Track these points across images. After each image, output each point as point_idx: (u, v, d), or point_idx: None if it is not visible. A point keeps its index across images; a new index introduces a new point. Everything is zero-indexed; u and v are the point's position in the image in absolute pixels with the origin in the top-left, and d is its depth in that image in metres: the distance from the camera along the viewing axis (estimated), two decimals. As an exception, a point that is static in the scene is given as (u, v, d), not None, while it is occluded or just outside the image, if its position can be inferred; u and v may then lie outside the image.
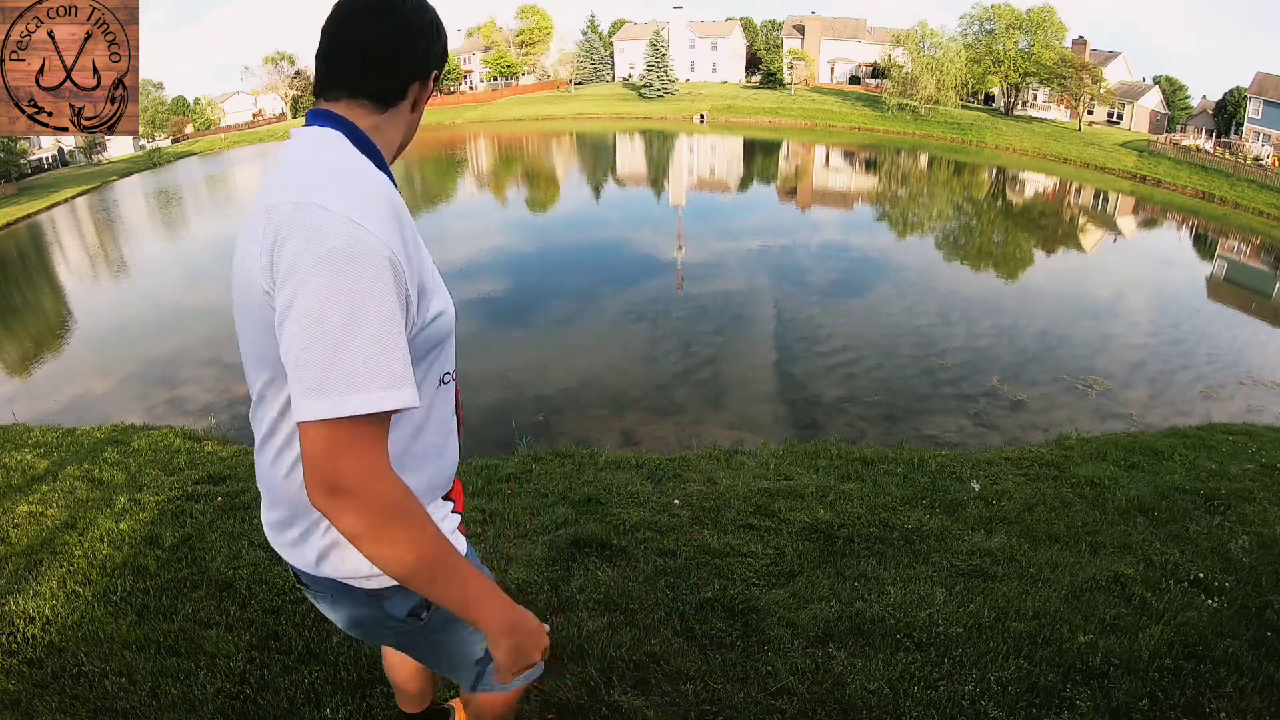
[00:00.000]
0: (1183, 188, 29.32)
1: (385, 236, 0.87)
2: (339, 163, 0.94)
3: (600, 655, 2.21)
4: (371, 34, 1.00)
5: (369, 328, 0.84)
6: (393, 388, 0.85)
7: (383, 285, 0.85)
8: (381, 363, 0.84)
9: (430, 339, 1.02)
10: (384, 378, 0.84)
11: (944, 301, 12.61)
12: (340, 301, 0.83)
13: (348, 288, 0.83)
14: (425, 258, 0.99)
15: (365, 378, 0.83)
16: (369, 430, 0.86)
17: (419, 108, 1.09)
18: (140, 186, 35.05)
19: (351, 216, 0.86)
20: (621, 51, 61.20)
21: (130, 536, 3.06)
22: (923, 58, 42.01)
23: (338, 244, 0.84)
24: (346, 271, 0.83)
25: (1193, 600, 2.66)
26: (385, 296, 0.85)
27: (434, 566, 0.92)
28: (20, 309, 14.72)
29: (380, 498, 0.87)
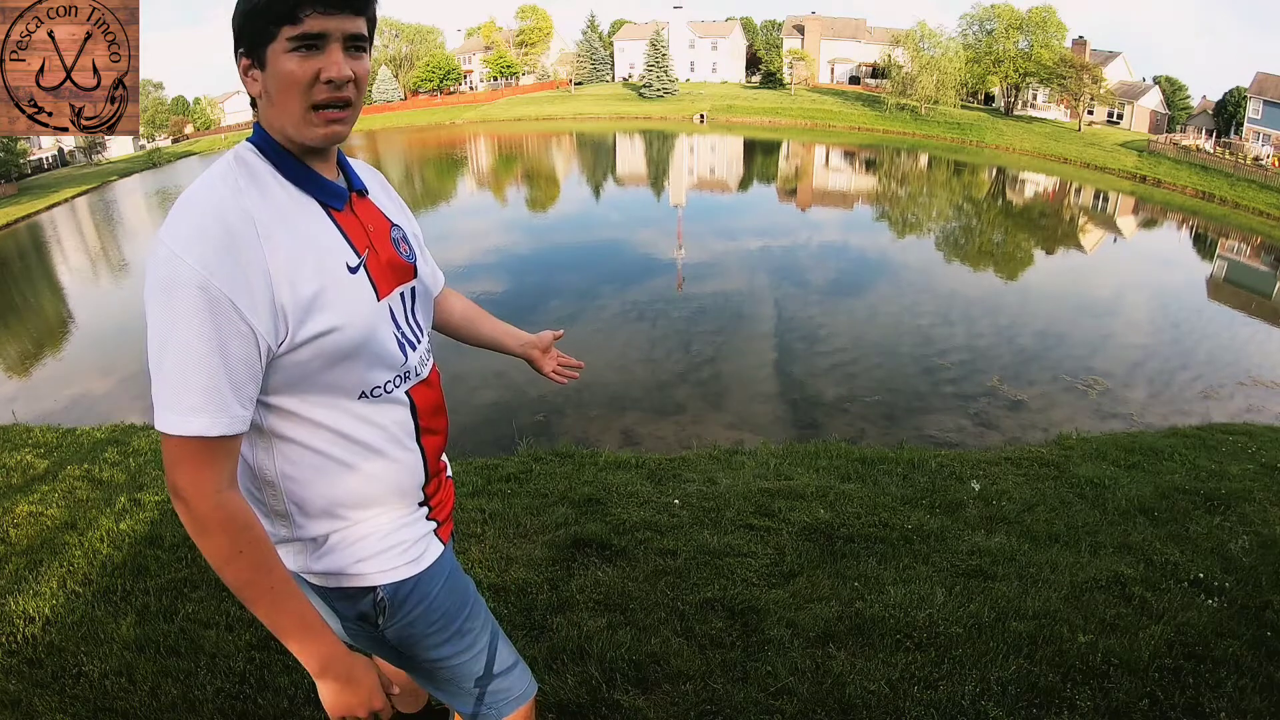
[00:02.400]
0: (1183, 188, 29.32)
1: (204, 266, 0.88)
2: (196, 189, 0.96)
3: (600, 655, 2.21)
4: None
5: (174, 355, 0.89)
6: (189, 414, 0.90)
7: (192, 316, 0.88)
8: (181, 390, 0.90)
9: (319, 356, 0.98)
10: (183, 405, 0.90)
11: (944, 301, 12.61)
12: (156, 331, 0.90)
13: (160, 318, 0.89)
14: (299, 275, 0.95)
15: (170, 403, 0.91)
16: (194, 450, 0.92)
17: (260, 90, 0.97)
18: (140, 186, 35.06)
19: (173, 249, 0.89)
20: (621, 51, 61.20)
21: (130, 536, 3.06)
22: (922, 57, 42.00)
23: (158, 276, 0.89)
24: (161, 303, 0.89)
25: (1193, 600, 2.66)
26: (194, 326, 0.88)
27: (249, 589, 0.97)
28: (20, 309, 14.72)
29: (199, 512, 0.93)
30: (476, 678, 1.23)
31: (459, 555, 2.87)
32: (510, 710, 1.28)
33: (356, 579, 1.11)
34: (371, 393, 1.06)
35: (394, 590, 1.13)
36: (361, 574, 1.11)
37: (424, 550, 1.17)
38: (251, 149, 1.00)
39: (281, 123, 0.97)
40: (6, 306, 14.63)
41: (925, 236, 19.77)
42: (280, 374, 0.98)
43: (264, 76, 0.95)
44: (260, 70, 0.95)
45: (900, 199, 25.71)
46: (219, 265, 0.89)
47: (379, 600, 1.12)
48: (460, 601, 1.22)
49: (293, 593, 1.00)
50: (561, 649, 2.24)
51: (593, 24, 60.97)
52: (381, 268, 1.06)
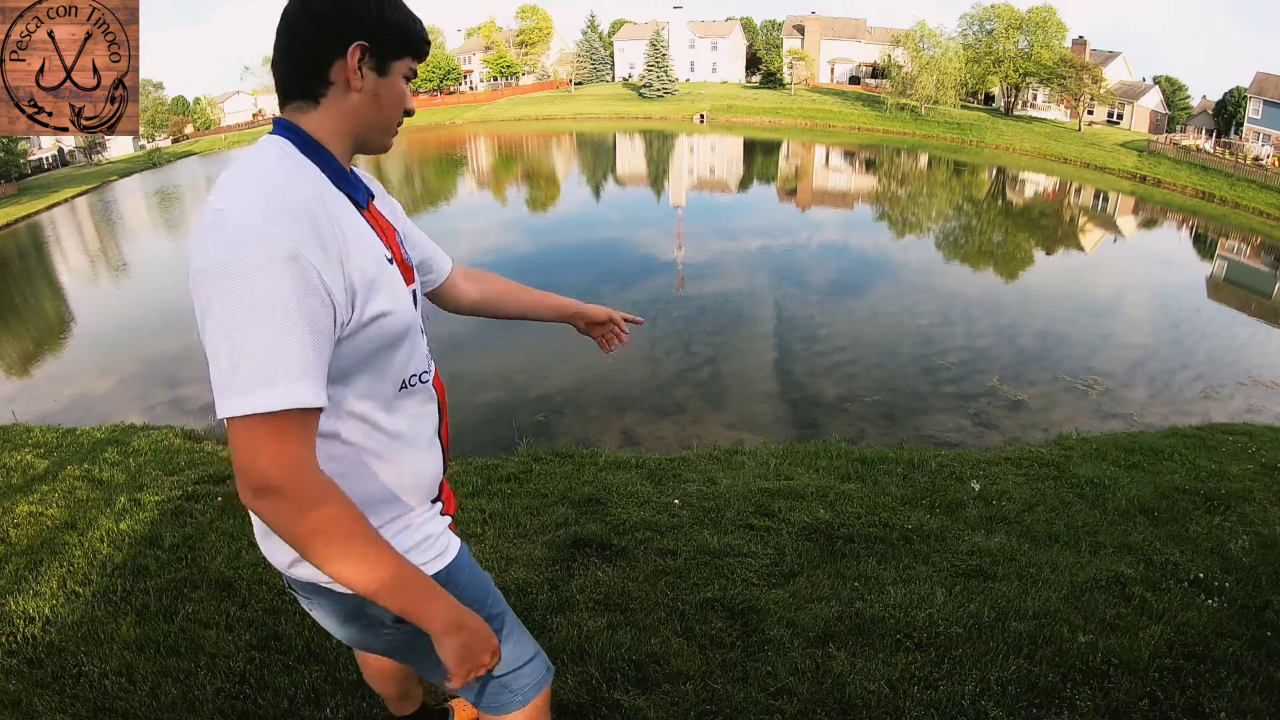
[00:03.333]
0: (1183, 188, 29.32)
1: (291, 235, 0.87)
2: (260, 165, 0.95)
3: (600, 655, 2.21)
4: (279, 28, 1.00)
5: (265, 327, 0.85)
6: (290, 383, 0.86)
7: (283, 285, 0.86)
8: (276, 360, 0.85)
9: (376, 339, 1.01)
10: (279, 374, 0.85)
11: (944, 301, 12.61)
12: (240, 303, 0.85)
13: (247, 289, 0.85)
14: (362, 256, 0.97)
15: (261, 376, 0.85)
16: (284, 427, 0.87)
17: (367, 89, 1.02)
18: (140, 186, 35.05)
19: (254, 222, 0.87)
20: (621, 51, 61.20)
21: (130, 536, 3.06)
22: (922, 57, 42.01)
23: (238, 251, 0.85)
24: (246, 273, 0.85)
25: (1193, 600, 2.66)
26: (285, 296, 0.86)
27: (367, 565, 0.92)
28: (20, 309, 14.72)
29: (303, 495, 0.88)
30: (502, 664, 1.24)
31: (459, 555, 2.87)
32: (532, 696, 1.29)
33: None
34: (409, 382, 1.09)
35: None
36: None
37: (449, 543, 1.20)
38: (290, 145, 1.00)
39: (372, 124, 1.05)
40: (6, 306, 14.63)
41: (925, 236, 19.77)
42: (337, 359, 0.97)
43: (378, 82, 1.03)
44: (377, 75, 1.02)
45: (900, 199, 25.71)
46: (304, 236, 0.89)
47: None
48: (484, 591, 1.25)
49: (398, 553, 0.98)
50: (561, 649, 2.24)
51: (593, 24, 60.99)
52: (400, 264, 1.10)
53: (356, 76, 1.00)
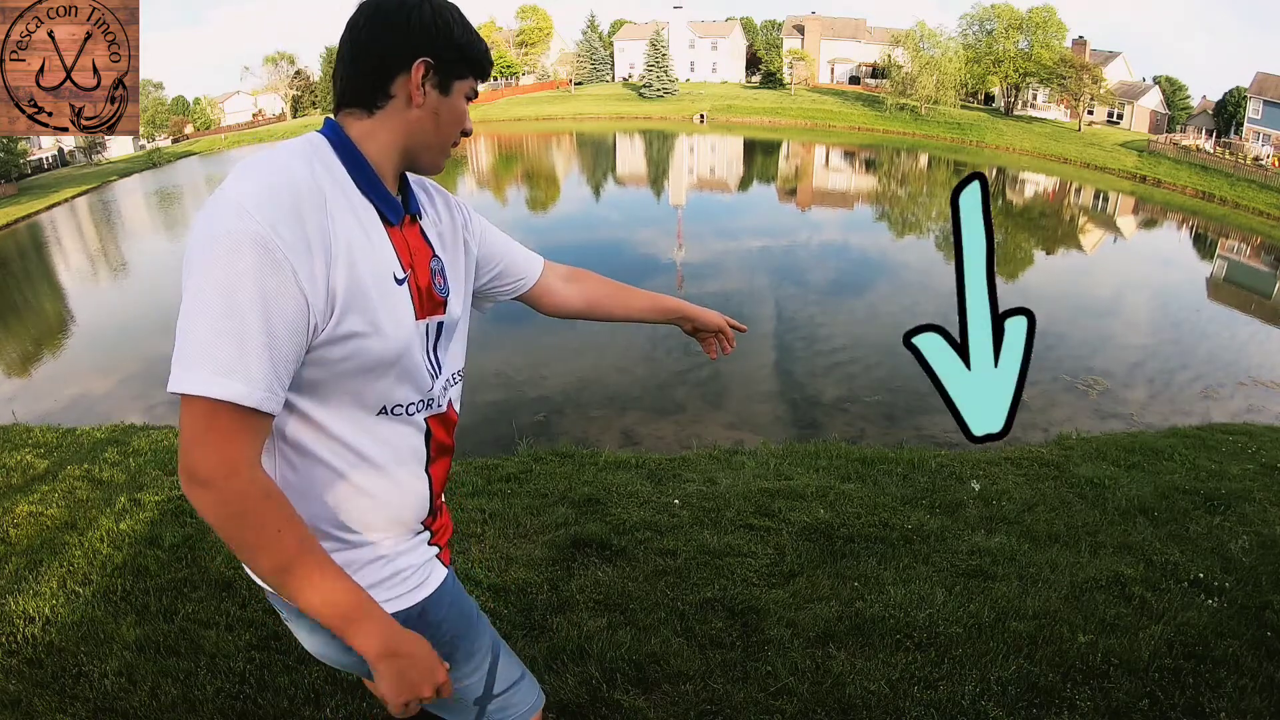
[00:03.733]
0: (1183, 188, 29.32)
1: (270, 221, 0.85)
2: (275, 154, 0.93)
3: (600, 655, 2.21)
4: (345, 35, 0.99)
5: (214, 309, 0.82)
6: (221, 376, 0.82)
7: (248, 272, 0.83)
8: (215, 347, 0.82)
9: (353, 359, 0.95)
10: (216, 363, 0.82)
11: (944, 301, 12.58)
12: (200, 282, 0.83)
13: (209, 269, 0.83)
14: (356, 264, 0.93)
15: (198, 358, 0.82)
16: (225, 420, 0.84)
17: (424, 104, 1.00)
18: (140, 186, 35.05)
19: (242, 204, 0.85)
20: (621, 51, 61.18)
21: (130, 536, 3.06)
22: (922, 57, 42.00)
23: (217, 228, 0.84)
24: (212, 254, 0.83)
25: (1193, 600, 2.66)
26: (248, 283, 0.83)
27: (293, 573, 0.89)
28: (20, 309, 14.73)
29: (231, 491, 0.85)
30: (477, 698, 1.20)
31: (459, 555, 2.87)
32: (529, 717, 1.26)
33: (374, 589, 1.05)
34: (393, 410, 1.03)
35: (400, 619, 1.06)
36: None
37: (428, 575, 1.13)
38: (326, 144, 0.98)
39: (428, 142, 1.04)
40: (6, 306, 14.63)
41: (925, 236, 19.79)
42: (309, 369, 0.93)
43: (439, 101, 1.02)
44: (439, 93, 1.01)
45: (900, 199, 25.72)
46: (285, 227, 0.86)
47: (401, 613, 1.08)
48: (466, 623, 1.19)
49: (338, 569, 0.93)
50: (561, 649, 2.24)
51: (593, 24, 60.97)
52: (419, 291, 1.05)
53: (419, 92, 0.99)
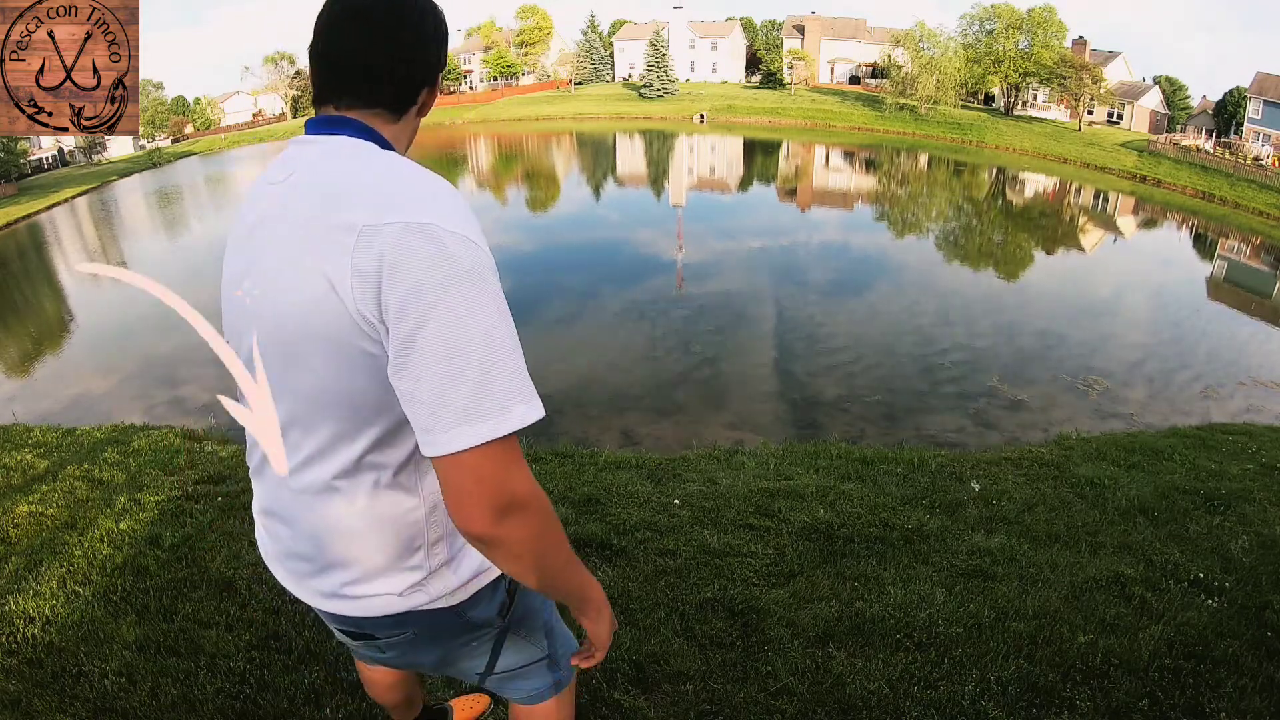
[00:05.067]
0: (1183, 188, 29.32)
1: (488, 253, 0.86)
2: (420, 174, 0.89)
3: (600, 655, 2.21)
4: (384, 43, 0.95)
5: (503, 345, 0.82)
6: (533, 399, 0.85)
7: (502, 300, 0.84)
8: (520, 377, 0.84)
9: None
10: (527, 391, 0.84)
11: (944, 301, 12.61)
12: (480, 323, 0.81)
13: (483, 308, 0.81)
14: None
15: (514, 396, 0.82)
16: (517, 444, 0.85)
17: (425, 111, 1.08)
18: (140, 186, 35.05)
19: (467, 235, 0.83)
20: (621, 51, 61.19)
21: (130, 536, 3.06)
22: (922, 57, 42.00)
23: (465, 264, 0.81)
24: (477, 292, 0.81)
25: (1193, 600, 2.66)
26: (506, 311, 0.84)
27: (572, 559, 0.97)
28: (20, 309, 14.73)
29: (544, 504, 0.88)
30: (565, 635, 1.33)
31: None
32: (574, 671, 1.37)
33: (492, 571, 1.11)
34: None
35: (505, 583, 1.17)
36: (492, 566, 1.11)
37: None
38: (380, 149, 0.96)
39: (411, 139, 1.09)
40: (6, 306, 14.63)
41: (925, 236, 19.78)
42: None
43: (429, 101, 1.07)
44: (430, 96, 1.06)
45: (900, 199, 25.72)
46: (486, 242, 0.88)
47: (510, 584, 1.16)
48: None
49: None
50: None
51: (593, 24, 60.97)
52: None
53: (429, 99, 1.05)
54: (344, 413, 0.91)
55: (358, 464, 0.94)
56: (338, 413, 0.91)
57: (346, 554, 1.00)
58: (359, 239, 0.81)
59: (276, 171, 0.96)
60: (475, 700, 1.93)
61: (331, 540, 1.00)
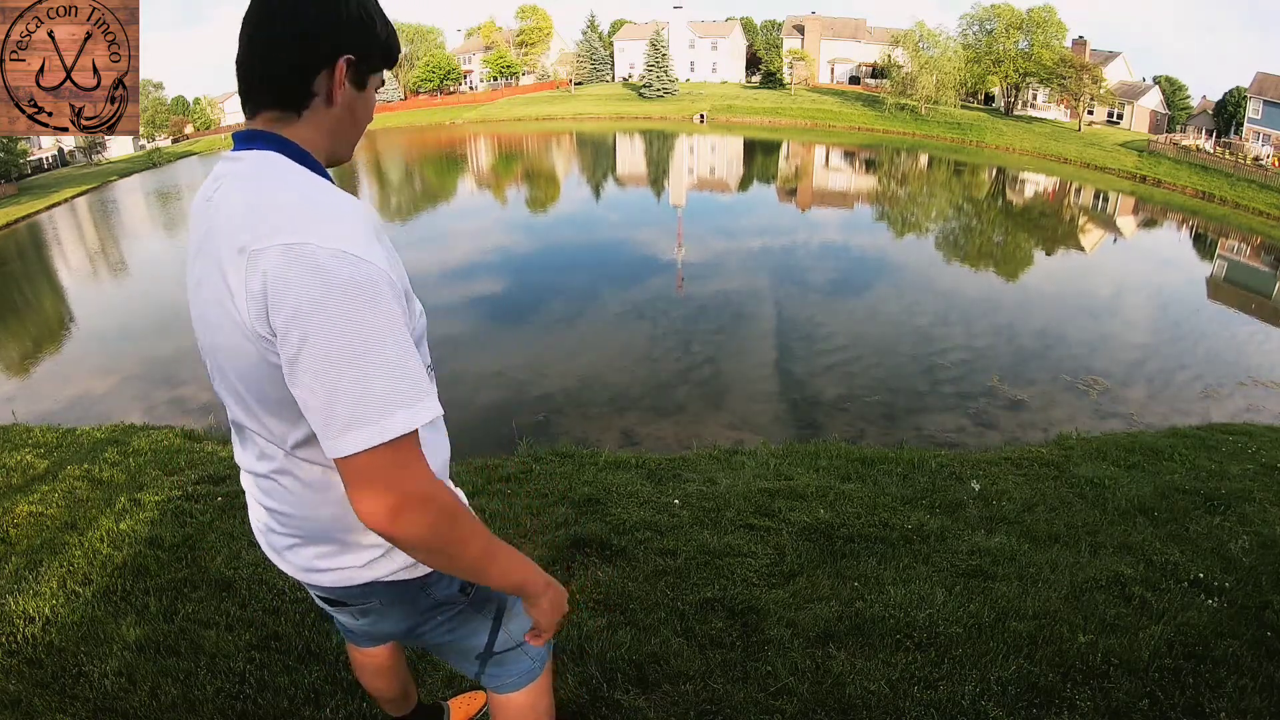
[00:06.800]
0: (1183, 188, 29.31)
1: (378, 260, 0.87)
2: (307, 191, 0.90)
3: (600, 655, 2.21)
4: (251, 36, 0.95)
5: (385, 353, 0.85)
6: (419, 402, 0.87)
7: (387, 309, 0.86)
8: (404, 383, 0.86)
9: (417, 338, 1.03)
10: (409, 396, 0.86)
11: (943, 301, 12.61)
12: (355, 336, 0.83)
13: (359, 321, 0.83)
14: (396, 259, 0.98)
15: (395, 401, 0.85)
16: (411, 446, 0.88)
17: (344, 102, 0.99)
18: (140, 186, 35.05)
19: (344, 249, 0.84)
20: (621, 51, 61.19)
21: (130, 536, 3.06)
22: (921, 57, 42.00)
23: (340, 281, 0.83)
24: (352, 305, 0.83)
25: (1193, 600, 2.66)
26: (394, 321, 0.87)
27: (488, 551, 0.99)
28: (20, 309, 14.72)
29: (446, 501, 0.92)
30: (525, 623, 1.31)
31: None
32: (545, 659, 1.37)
33: None
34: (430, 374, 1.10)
35: None
36: None
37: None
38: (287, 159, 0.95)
39: (343, 139, 1.03)
40: (6, 306, 14.63)
41: (925, 236, 19.77)
42: None
43: (355, 95, 1.01)
44: (354, 89, 1.00)
45: (900, 199, 25.71)
46: (383, 257, 0.89)
47: None
48: None
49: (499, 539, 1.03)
50: (561, 649, 2.24)
51: (593, 24, 60.97)
52: None
53: (341, 90, 0.98)
54: (275, 410, 0.97)
55: (301, 454, 1.02)
56: (270, 410, 0.98)
57: (310, 533, 1.09)
58: (248, 262, 0.86)
59: (208, 188, 0.99)
60: (471, 698, 1.93)
61: (295, 521, 1.09)
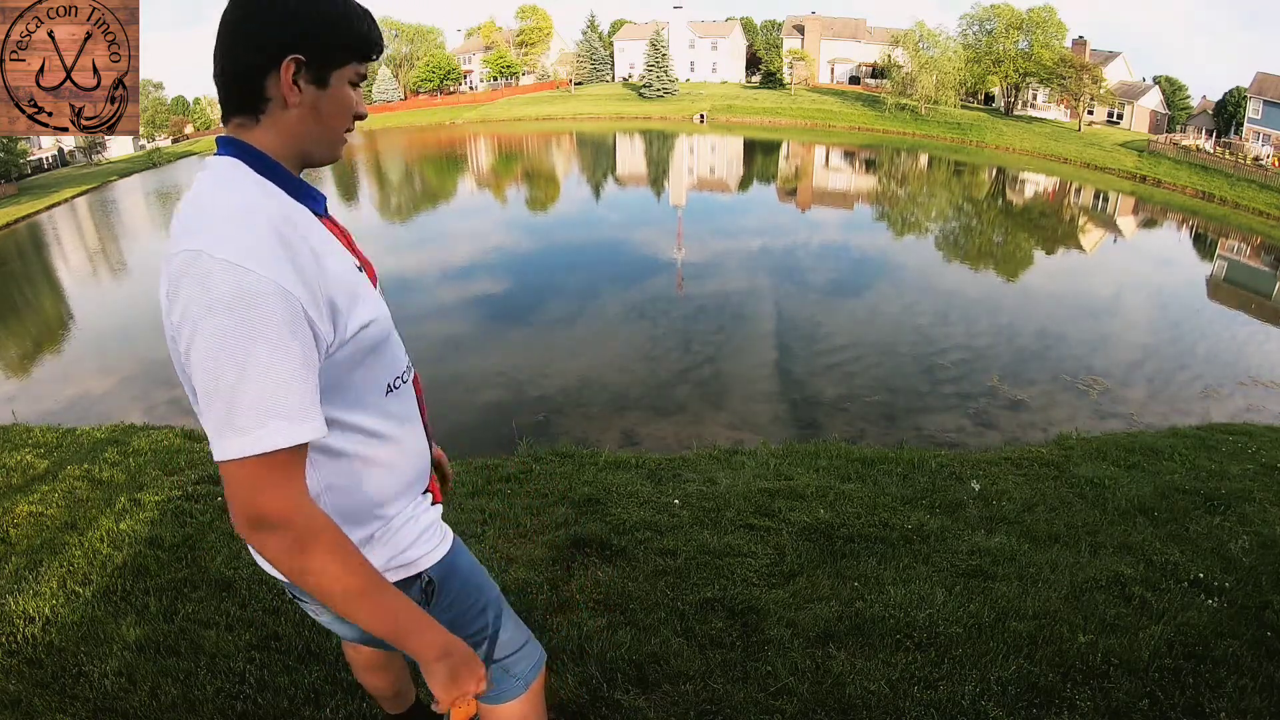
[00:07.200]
0: (1183, 188, 29.31)
1: (271, 273, 0.85)
2: (226, 200, 0.91)
3: (600, 655, 2.21)
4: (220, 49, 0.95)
5: (260, 368, 0.84)
6: (291, 421, 0.86)
7: (272, 324, 0.84)
8: (277, 400, 0.85)
9: (361, 351, 1.00)
10: (281, 414, 0.86)
11: (943, 301, 12.61)
12: (230, 347, 0.83)
13: (235, 333, 0.83)
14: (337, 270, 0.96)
15: (264, 416, 0.85)
16: (281, 464, 0.87)
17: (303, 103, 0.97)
18: (140, 186, 35.05)
19: (233, 260, 0.84)
20: (621, 51, 61.19)
21: (130, 536, 3.06)
22: (921, 57, 42.00)
23: (222, 291, 0.83)
24: (232, 318, 0.83)
25: (1193, 600, 2.66)
26: (276, 335, 0.85)
27: (358, 596, 0.94)
28: (20, 309, 14.72)
29: (303, 527, 0.90)
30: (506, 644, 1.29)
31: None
32: (532, 678, 1.34)
33: (405, 569, 1.14)
34: (395, 384, 1.09)
35: (437, 570, 1.17)
36: (408, 562, 1.14)
37: (446, 528, 1.23)
38: (236, 163, 0.96)
39: (314, 138, 1.00)
40: (6, 306, 14.62)
41: (925, 236, 19.76)
42: (324, 376, 0.96)
43: (317, 94, 0.97)
44: (315, 88, 0.97)
45: (900, 199, 25.71)
46: (283, 270, 0.87)
47: (427, 584, 1.16)
48: (480, 571, 1.29)
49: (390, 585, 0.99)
50: (561, 649, 2.24)
51: (593, 24, 60.95)
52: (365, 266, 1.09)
53: (293, 92, 0.95)
54: None
55: None
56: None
57: None
58: (165, 265, 0.90)
59: None
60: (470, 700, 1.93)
61: None
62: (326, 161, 1.05)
